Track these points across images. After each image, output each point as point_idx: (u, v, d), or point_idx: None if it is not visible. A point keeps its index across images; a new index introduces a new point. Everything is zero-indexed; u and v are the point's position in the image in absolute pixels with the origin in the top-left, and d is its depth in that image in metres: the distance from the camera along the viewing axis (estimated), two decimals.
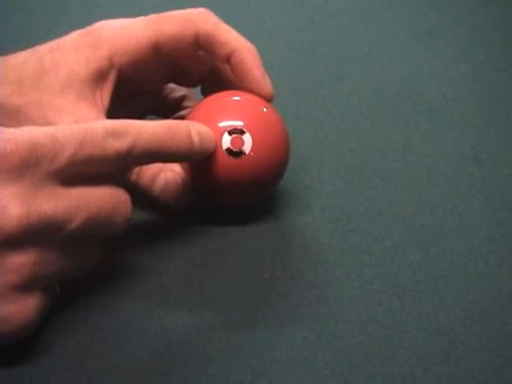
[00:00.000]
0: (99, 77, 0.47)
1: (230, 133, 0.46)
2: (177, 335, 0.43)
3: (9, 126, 0.42)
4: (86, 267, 0.42)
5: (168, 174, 0.48)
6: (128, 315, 0.43)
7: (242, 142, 0.46)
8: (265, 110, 0.48)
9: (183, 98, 0.53)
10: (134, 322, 0.43)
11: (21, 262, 0.38)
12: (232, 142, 0.46)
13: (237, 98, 0.48)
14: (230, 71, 0.49)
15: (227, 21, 0.49)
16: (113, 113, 0.48)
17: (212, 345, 0.42)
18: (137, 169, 0.48)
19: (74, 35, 0.48)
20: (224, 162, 0.46)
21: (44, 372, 0.40)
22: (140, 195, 0.47)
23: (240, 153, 0.46)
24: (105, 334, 0.42)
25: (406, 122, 0.58)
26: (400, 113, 0.58)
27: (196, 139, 0.44)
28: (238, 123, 0.46)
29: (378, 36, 0.67)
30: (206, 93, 0.51)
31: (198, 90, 0.52)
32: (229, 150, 0.46)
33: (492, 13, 0.70)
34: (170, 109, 0.53)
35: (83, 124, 0.40)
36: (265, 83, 0.48)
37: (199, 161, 0.46)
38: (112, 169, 0.41)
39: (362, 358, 0.41)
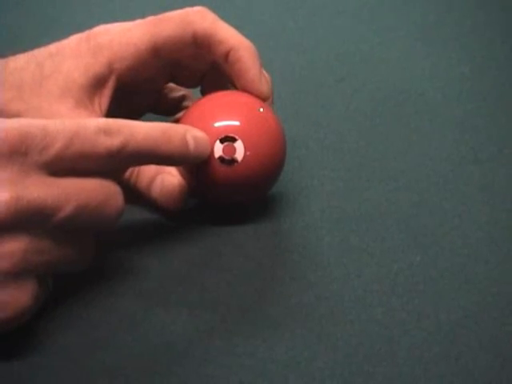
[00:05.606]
0: (98, 83, 0.47)
1: (221, 141, 0.46)
2: (177, 335, 0.43)
3: None
4: (79, 261, 0.41)
5: (165, 177, 0.48)
6: (128, 315, 0.43)
7: (234, 150, 0.46)
8: (261, 110, 0.47)
9: (183, 97, 0.53)
10: (133, 321, 0.43)
11: (12, 247, 0.38)
12: (224, 150, 0.45)
13: (233, 97, 0.48)
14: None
15: (227, 21, 0.49)
16: (111, 112, 0.48)
17: (212, 345, 0.42)
18: (135, 172, 0.48)
19: (73, 41, 0.48)
20: (217, 170, 0.46)
21: (43, 371, 0.40)
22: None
23: (232, 161, 0.46)
24: (104, 334, 0.42)
25: (406, 121, 0.57)
26: (400, 113, 0.58)
27: (191, 144, 0.44)
28: (234, 123, 0.46)
29: (378, 36, 0.67)
30: (206, 93, 0.50)
31: (197, 89, 0.52)
32: (221, 159, 0.46)
33: (492, 13, 0.70)
34: (170, 109, 0.53)
35: (76, 120, 0.40)
36: (261, 83, 0.48)
37: (194, 168, 0.46)
38: (102, 167, 0.41)
39: (362, 357, 0.41)
